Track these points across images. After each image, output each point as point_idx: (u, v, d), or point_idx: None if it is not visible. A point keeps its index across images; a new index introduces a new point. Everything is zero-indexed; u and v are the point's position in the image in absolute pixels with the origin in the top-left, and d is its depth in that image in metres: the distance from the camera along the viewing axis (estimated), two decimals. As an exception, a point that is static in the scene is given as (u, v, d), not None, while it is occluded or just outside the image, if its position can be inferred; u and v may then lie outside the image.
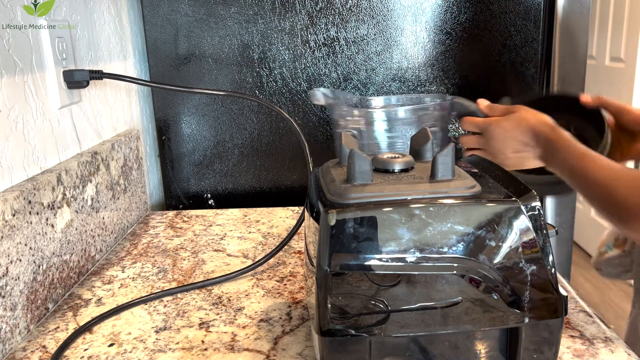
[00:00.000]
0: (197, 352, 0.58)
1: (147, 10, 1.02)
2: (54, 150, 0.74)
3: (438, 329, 0.47)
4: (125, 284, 0.74)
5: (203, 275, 0.76)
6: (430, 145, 0.55)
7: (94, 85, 0.86)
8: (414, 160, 0.53)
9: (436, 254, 0.46)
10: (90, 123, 0.85)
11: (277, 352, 0.57)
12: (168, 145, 1.09)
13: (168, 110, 1.07)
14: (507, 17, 1.01)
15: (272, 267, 0.78)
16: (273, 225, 0.95)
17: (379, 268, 0.46)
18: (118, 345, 0.59)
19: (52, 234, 0.68)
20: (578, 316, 0.63)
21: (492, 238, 0.46)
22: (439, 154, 0.49)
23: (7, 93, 0.64)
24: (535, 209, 0.47)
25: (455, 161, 0.50)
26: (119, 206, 0.89)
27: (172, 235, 0.92)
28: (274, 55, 1.03)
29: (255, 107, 1.06)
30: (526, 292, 0.47)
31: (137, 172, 0.98)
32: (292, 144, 1.08)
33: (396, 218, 0.46)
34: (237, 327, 0.62)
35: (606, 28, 2.63)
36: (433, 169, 0.49)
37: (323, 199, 0.49)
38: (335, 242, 0.45)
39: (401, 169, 0.51)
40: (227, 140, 1.08)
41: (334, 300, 0.46)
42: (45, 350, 0.59)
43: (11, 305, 0.59)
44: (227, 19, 1.02)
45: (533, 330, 0.48)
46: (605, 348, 0.56)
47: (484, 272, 0.46)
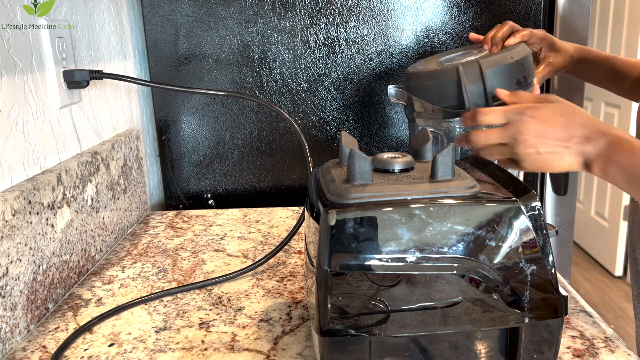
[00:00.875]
0: (197, 352, 0.58)
1: (147, 10, 1.02)
2: (54, 150, 0.74)
3: (438, 329, 0.47)
4: (125, 284, 0.74)
5: (203, 275, 0.76)
6: (430, 145, 0.55)
7: (94, 85, 0.86)
8: (414, 160, 0.53)
9: (436, 254, 0.46)
10: (90, 123, 0.85)
11: (277, 352, 0.57)
12: (168, 145, 1.09)
13: (168, 110, 1.07)
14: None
15: (272, 267, 0.78)
16: (273, 225, 0.95)
17: (379, 268, 0.46)
18: (118, 345, 0.59)
19: (52, 234, 0.68)
20: (578, 316, 0.63)
21: (492, 238, 0.46)
22: (439, 154, 0.49)
23: (7, 93, 0.64)
24: (535, 209, 0.47)
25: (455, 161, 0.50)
26: (119, 206, 0.89)
27: (172, 235, 0.92)
28: (274, 55, 1.04)
29: (255, 107, 1.07)
30: (526, 292, 0.47)
31: (137, 172, 0.98)
32: (292, 144, 1.08)
33: (396, 218, 0.46)
34: (237, 327, 0.62)
35: (606, 28, 2.63)
36: (433, 169, 0.49)
37: (323, 199, 0.49)
38: (335, 242, 0.45)
39: (401, 169, 0.51)
40: (227, 140, 1.08)
41: (334, 300, 0.46)
42: (45, 350, 0.59)
43: (11, 305, 0.59)
44: (227, 19, 1.02)
45: (533, 330, 0.48)
46: (605, 348, 0.56)
47: (484, 272, 0.46)
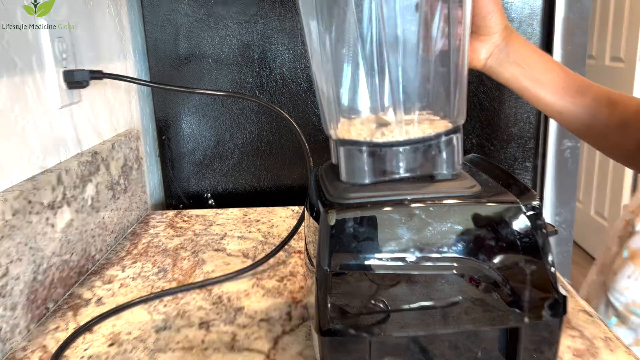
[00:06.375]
0: (197, 352, 0.58)
1: (147, 10, 1.02)
2: (54, 150, 0.74)
3: (438, 329, 0.47)
4: (125, 283, 0.74)
5: (203, 275, 0.76)
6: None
7: (94, 85, 0.86)
8: (414, 160, 0.53)
9: (436, 254, 0.46)
10: (90, 123, 0.85)
11: (277, 352, 0.57)
12: (168, 145, 1.09)
13: (168, 110, 1.07)
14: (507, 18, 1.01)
15: (272, 267, 0.78)
16: (273, 225, 0.95)
17: (379, 268, 0.46)
18: (118, 345, 0.59)
19: (52, 233, 0.68)
20: (578, 316, 0.63)
21: (492, 238, 0.46)
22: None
23: (7, 93, 0.64)
24: (535, 209, 0.47)
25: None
26: (119, 206, 0.89)
27: (172, 234, 0.92)
28: (274, 55, 1.03)
29: (255, 107, 1.07)
30: (526, 292, 0.47)
31: (137, 172, 0.98)
32: (292, 144, 1.08)
33: (396, 218, 0.46)
34: (237, 327, 0.62)
35: (606, 28, 2.63)
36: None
37: (323, 198, 0.49)
38: (335, 242, 0.45)
39: (401, 168, 0.51)
40: (227, 140, 1.08)
41: (334, 300, 0.46)
42: (45, 350, 0.59)
43: (11, 305, 0.59)
44: (227, 19, 1.02)
45: (533, 329, 0.48)
46: (606, 348, 0.56)
47: (484, 272, 0.46)
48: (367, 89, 0.50)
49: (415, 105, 0.50)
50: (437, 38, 0.49)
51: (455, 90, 0.51)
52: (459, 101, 0.52)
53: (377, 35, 0.47)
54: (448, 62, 0.50)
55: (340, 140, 0.50)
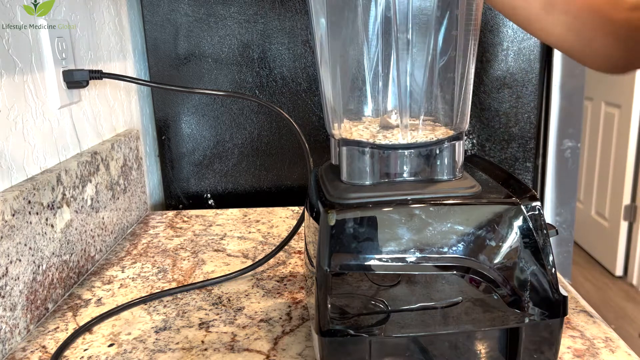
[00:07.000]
0: (197, 352, 0.58)
1: (147, 10, 1.02)
2: (54, 150, 0.74)
3: (438, 329, 0.47)
4: (125, 284, 0.74)
5: (203, 275, 0.76)
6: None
7: (93, 85, 0.86)
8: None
9: (436, 254, 0.46)
10: (90, 123, 0.85)
11: (277, 352, 0.57)
12: (168, 145, 1.09)
13: (168, 110, 1.07)
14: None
15: (272, 267, 0.78)
16: (273, 225, 0.95)
17: (379, 268, 0.46)
18: (118, 346, 0.59)
19: (51, 234, 0.68)
20: (578, 316, 0.62)
21: (492, 238, 0.46)
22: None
23: (7, 93, 0.64)
24: (535, 209, 0.47)
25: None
26: (118, 206, 0.89)
27: (172, 235, 0.92)
28: (274, 55, 1.03)
29: (255, 107, 1.06)
30: (526, 292, 0.47)
31: (137, 172, 0.98)
32: (292, 144, 1.08)
33: (396, 218, 0.46)
34: (237, 327, 0.62)
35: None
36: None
37: (323, 199, 0.49)
38: (335, 242, 0.45)
39: (401, 169, 0.51)
40: (227, 140, 1.08)
41: (334, 300, 0.46)
42: (45, 350, 0.59)
43: (11, 306, 0.59)
44: (227, 19, 1.02)
45: (533, 330, 0.48)
46: (606, 348, 0.56)
47: (484, 272, 0.46)
48: (373, 91, 0.50)
49: (420, 110, 0.51)
50: (445, 44, 0.50)
51: (460, 97, 0.51)
52: (462, 108, 0.52)
53: (385, 38, 0.48)
54: (454, 68, 0.51)
55: (343, 140, 0.50)
